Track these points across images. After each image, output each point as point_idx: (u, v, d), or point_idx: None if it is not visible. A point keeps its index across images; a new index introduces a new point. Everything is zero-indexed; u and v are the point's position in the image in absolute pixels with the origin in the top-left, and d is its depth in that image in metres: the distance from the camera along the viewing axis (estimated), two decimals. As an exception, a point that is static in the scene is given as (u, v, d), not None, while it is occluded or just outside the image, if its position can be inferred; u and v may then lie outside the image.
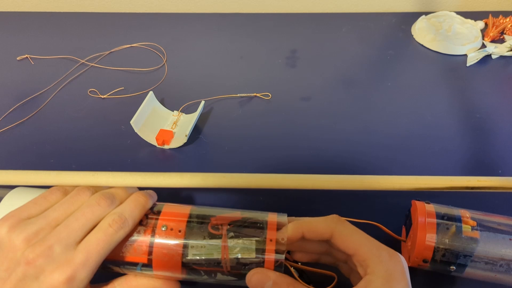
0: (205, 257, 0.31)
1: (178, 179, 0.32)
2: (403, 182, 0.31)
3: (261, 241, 0.31)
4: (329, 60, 0.62)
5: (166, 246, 0.31)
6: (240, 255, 0.31)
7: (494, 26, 0.67)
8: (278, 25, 0.69)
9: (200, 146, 0.49)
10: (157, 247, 0.31)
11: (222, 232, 0.32)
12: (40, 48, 0.62)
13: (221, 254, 0.31)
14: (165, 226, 0.32)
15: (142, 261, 0.31)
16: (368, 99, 0.56)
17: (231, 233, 0.31)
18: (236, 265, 0.31)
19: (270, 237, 0.31)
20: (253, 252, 0.31)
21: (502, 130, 0.51)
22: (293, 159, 0.48)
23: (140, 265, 0.31)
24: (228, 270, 0.31)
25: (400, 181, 0.31)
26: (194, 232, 0.32)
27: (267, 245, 0.31)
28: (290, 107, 0.54)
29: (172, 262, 0.31)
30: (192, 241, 0.31)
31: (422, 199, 0.37)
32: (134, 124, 0.46)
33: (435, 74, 0.60)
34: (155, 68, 0.60)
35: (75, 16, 0.70)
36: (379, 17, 0.72)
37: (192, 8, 0.72)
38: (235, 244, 0.31)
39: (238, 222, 0.32)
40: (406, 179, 0.31)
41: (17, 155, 0.48)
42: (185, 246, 0.31)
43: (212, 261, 0.31)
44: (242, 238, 0.31)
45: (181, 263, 0.31)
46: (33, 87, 0.56)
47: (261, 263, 0.31)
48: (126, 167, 0.46)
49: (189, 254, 0.31)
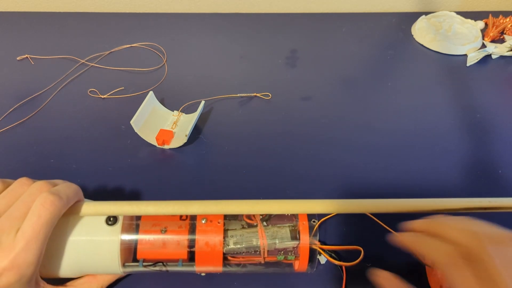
0: (245, 245, 0.33)
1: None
2: (418, 205, 0.32)
3: (295, 225, 0.34)
4: (329, 60, 0.62)
5: (208, 237, 0.32)
6: (277, 240, 0.33)
7: (494, 26, 0.67)
8: (278, 25, 0.69)
9: (200, 146, 0.49)
10: (199, 239, 0.32)
11: (257, 221, 0.34)
12: (40, 48, 0.62)
13: (259, 240, 0.33)
14: (204, 219, 0.33)
15: (183, 256, 0.33)
16: (368, 99, 0.56)
17: (264, 223, 0.34)
18: (274, 251, 0.33)
19: (303, 220, 0.34)
20: (289, 236, 0.33)
21: (502, 130, 0.51)
22: (293, 159, 0.48)
23: (181, 261, 0.33)
24: (265, 256, 0.33)
25: (415, 204, 0.32)
26: (232, 223, 0.34)
27: (300, 227, 0.33)
28: (290, 107, 0.54)
29: (214, 254, 0.32)
30: (232, 230, 0.33)
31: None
32: (134, 124, 0.46)
33: (435, 74, 0.60)
34: (155, 68, 0.60)
35: (75, 16, 0.70)
36: (379, 17, 0.72)
37: (192, 8, 0.72)
38: (271, 230, 0.33)
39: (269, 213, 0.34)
40: (421, 202, 0.32)
41: (17, 155, 0.48)
42: (225, 236, 0.33)
43: (251, 249, 0.33)
44: (277, 225, 0.34)
45: (222, 254, 0.33)
46: (33, 87, 0.56)
47: (296, 247, 0.33)
48: (126, 167, 0.46)
49: (230, 243, 0.33)
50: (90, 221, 0.32)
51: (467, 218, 0.23)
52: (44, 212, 0.28)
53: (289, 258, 0.33)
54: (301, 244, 0.33)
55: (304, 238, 0.33)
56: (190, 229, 0.33)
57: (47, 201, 0.28)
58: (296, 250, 0.33)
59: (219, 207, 0.32)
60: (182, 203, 0.32)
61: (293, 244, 0.33)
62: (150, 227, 0.33)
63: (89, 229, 0.32)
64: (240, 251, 0.33)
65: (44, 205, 0.28)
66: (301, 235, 0.33)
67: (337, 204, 0.32)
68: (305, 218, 0.34)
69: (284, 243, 0.33)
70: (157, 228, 0.33)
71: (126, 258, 0.33)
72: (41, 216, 0.28)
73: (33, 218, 0.28)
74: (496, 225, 0.22)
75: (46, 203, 0.28)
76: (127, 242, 0.33)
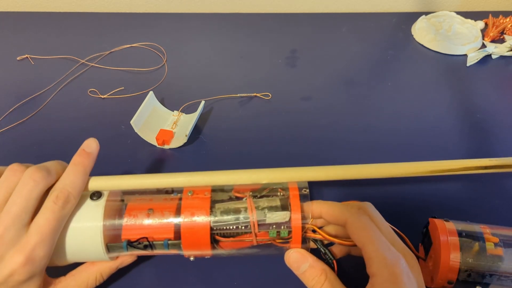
0: (233, 215, 0.31)
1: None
2: (417, 167, 0.33)
3: (285, 198, 0.32)
4: (329, 60, 0.62)
5: (194, 207, 0.31)
6: (266, 210, 0.31)
7: (494, 26, 0.67)
8: (278, 25, 0.69)
9: (200, 146, 0.49)
10: (185, 210, 0.31)
11: (246, 195, 0.32)
12: (40, 48, 0.62)
13: (248, 211, 0.31)
14: (191, 191, 0.32)
15: (169, 235, 0.31)
16: (368, 99, 0.56)
17: (254, 198, 0.32)
18: (265, 225, 0.31)
19: (293, 193, 0.32)
20: (279, 205, 0.31)
21: (502, 130, 0.51)
22: (293, 159, 0.48)
23: (166, 240, 0.31)
24: (256, 232, 0.31)
25: (414, 167, 0.33)
26: (219, 194, 0.32)
27: (291, 199, 0.31)
28: (290, 107, 0.54)
29: (201, 226, 0.31)
30: (219, 203, 0.31)
31: (437, 215, 0.36)
32: (134, 124, 0.46)
33: (435, 74, 0.60)
34: (155, 68, 0.60)
35: (75, 16, 0.70)
36: (379, 17, 0.72)
37: (192, 8, 0.72)
38: (261, 201, 0.31)
39: (260, 188, 0.33)
40: (419, 165, 0.33)
41: (17, 155, 0.48)
42: (212, 207, 0.31)
43: (240, 221, 0.31)
44: (266, 198, 0.32)
45: (209, 229, 0.31)
46: (33, 87, 0.56)
47: (288, 220, 0.31)
48: (126, 167, 0.46)
49: (217, 214, 0.31)
50: (83, 208, 0.31)
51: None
52: (58, 209, 0.29)
53: (282, 234, 0.31)
54: (292, 216, 0.31)
55: (295, 205, 0.31)
56: (177, 201, 0.32)
57: (59, 201, 0.29)
58: (288, 224, 0.31)
59: (207, 178, 0.31)
60: (168, 175, 0.32)
61: (284, 215, 0.31)
62: (135, 202, 0.32)
63: (81, 216, 0.31)
64: (228, 222, 0.31)
65: (56, 202, 0.29)
66: (292, 204, 0.31)
67: (331, 170, 0.33)
68: (296, 189, 0.32)
69: (275, 214, 0.31)
70: (143, 203, 0.32)
71: (111, 240, 0.32)
72: (54, 211, 0.28)
73: (47, 214, 0.28)
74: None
75: (58, 201, 0.29)
76: (110, 225, 0.31)
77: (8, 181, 0.29)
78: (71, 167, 0.31)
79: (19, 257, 0.27)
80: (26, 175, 0.29)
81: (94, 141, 0.32)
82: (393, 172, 0.33)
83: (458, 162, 0.34)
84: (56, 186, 0.30)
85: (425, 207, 0.42)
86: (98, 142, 0.33)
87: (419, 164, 0.34)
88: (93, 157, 0.32)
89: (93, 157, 0.32)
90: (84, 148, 0.32)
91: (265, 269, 0.38)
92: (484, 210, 0.43)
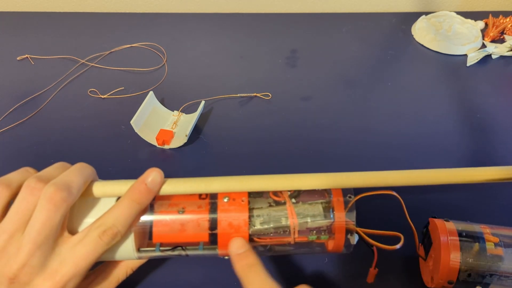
0: (273, 225, 0.29)
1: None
2: (449, 175, 0.31)
3: (328, 202, 0.30)
4: (329, 60, 0.62)
5: (231, 217, 0.29)
6: (309, 219, 0.29)
7: (494, 26, 0.67)
8: (278, 25, 0.69)
9: (200, 146, 0.49)
10: (222, 219, 0.29)
11: (285, 198, 0.30)
12: (40, 48, 0.62)
13: (289, 220, 0.29)
14: (227, 197, 0.30)
15: (204, 239, 0.29)
16: (368, 99, 0.56)
17: (293, 199, 0.30)
18: (305, 230, 0.29)
19: (337, 196, 0.30)
20: (322, 214, 0.29)
21: (503, 130, 0.51)
22: (293, 159, 0.48)
23: (201, 244, 0.30)
24: (296, 237, 0.30)
25: (446, 174, 0.31)
26: (258, 201, 0.30)
27: (334, 204, 0.29)
28: (290, 107, 0.54)
29: (239, 235, 0.29)
30: (258, 209, 0.30)
31: (437, 215, 0.36)
32: (134, 124, 0.46)
33: (435, 74, 0.60)
34: (155, 68, 0.60)
35: (75, 16, 0.70)
36: (379, 17, 0.72)
37: (192, 8, 0.72)
38: (302, 208, 0.30)
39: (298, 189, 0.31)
40: (451, 172, 0.31)
41: (17, 155, 0.48)
42: (251, 216, 0.29)
43: (280, 229, 0.29)
44: (308, 202, 0.30)
45: (248, 235, 0.29)
46: (33, 87, 0.56)
47: (329, 225, 0.29)
48: (126, 167, 0.46)
49: (256, 223, 0.29)
50: (100, 203, 0.30)
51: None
52: (101, 245, 0.27)
53: (322, 237, 0.30)
54: (336, 222, 0.29)
55: (340, 215, 0.29)
56: (211, 208, 0.30)
57: (106, 237, 0.27)
58: (330, 229, 0.30)
59: (243, 183, 0.29)
60: (202, 180, 0.29)
61: (327, 223, 0.29)
62: (166, 207, 0.30)
63: (98, 212, 0.29)
64: (267, 232, 0.29)
65: (102, 238, 0.27)
66: (335, 212, 0.29)
67: (380, 176, 0.30)
68: (340, 194, 0.30)
69: (316, 221, 0.29)
70: (174, 208, 0.30)
71: (141, 243, 0.30)
72: (97, 246, 0.27)
73: (88, 247, 0.26)
74: None
75: (104, 237, 0.27)
76: (142, 225, 0.30)
77: (26, 201, 0.26)
78: (128, 202, 0.28)
79: (48, 285, 0.25)
80: (45, 197, 0.26)
81: (160, 176, 0.29)
82: (419, 180, 0.32)
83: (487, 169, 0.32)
84: (106, 220, 0.27)
85: (425, 207, 0.42)
86: (163, 174, 0.29)
87: (449, 171, 0.32)
88: (154, 195, 0.29)
89: (153, 195, 0.29)
90: (147, 182, 0.29)
91: (266, 269, 0.38)
92: (484, 210, 0.43)
